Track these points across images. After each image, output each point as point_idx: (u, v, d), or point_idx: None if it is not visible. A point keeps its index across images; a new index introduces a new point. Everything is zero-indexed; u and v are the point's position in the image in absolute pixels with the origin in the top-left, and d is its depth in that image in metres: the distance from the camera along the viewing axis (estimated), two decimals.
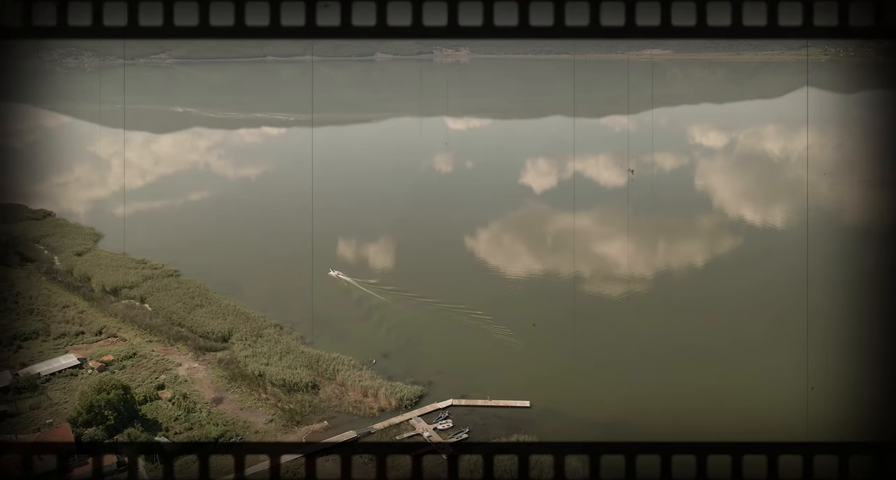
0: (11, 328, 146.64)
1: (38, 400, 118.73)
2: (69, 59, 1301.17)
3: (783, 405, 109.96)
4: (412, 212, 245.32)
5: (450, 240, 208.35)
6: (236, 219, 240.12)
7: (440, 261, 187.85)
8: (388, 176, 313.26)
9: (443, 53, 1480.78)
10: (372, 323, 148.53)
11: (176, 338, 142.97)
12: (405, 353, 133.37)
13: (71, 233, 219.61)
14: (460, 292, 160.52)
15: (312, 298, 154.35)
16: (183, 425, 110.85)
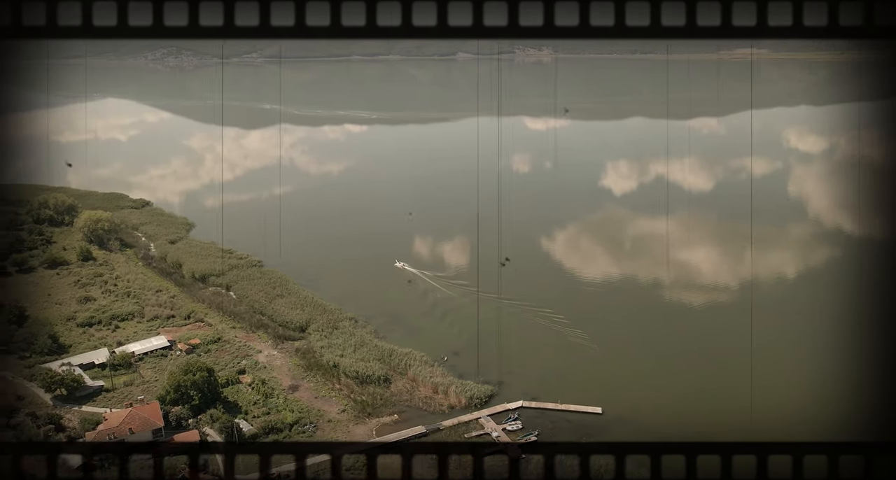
0: (111, 308, 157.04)
1: (131, 378, 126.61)
2: (170, 58, 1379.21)
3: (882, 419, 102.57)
4: (488, 211, 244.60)
5: (526, 240, 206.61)
6: (317, 213, 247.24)
7: (515, 261, 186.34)
8: (466, 175, 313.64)
9: (525, 53, 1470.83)
10: (444, 320, 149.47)
11: (257, 326, 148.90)
12: (477, 351, 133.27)
13: (166, 221, 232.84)
14: (535, 292, 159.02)
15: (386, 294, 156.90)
16: (261, 409, 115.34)
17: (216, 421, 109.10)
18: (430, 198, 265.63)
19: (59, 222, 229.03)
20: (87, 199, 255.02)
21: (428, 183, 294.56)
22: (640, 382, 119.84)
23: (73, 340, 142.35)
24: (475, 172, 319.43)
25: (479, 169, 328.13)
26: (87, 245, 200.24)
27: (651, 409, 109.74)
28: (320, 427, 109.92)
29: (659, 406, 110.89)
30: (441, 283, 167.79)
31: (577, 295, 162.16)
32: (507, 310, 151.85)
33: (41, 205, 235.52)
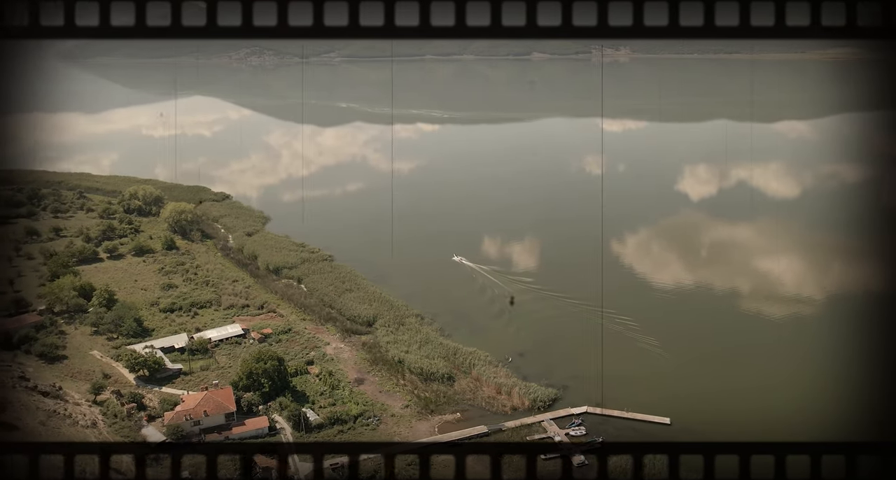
0: (191, 296, 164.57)
1: (207, 363, 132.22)
2: (252, 57, 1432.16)
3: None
4: (559, 212, 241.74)
5: (596, 243, 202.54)
6: (388, 210, 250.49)
7: (585, 264, 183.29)
8: (538, 175, 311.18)
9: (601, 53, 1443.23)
10: (510, 320, 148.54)
11: (326, 319, 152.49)
12: (542, 354, 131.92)
13: (244, 214, 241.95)
14: (604, 296, 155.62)
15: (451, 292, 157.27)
16: (327, 400, 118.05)
17: (285, 409, 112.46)
18: (499, 197, 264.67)
19: (147, 212, 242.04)
20: (173, 191, 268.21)
21: (498, 183, 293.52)
22: (711, 394, 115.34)
23: (156, 324, 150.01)
24: (547, 173, 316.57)
25: (551, 170, 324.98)
26: (172, 235, 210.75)
27: (722, 424, 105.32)
28: (384, 421, 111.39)
29: (731, 422, 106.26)
30: (501, 279, 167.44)
31: (648, 301, 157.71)
32: (574, 313, 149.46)
33: (132, 196, 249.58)
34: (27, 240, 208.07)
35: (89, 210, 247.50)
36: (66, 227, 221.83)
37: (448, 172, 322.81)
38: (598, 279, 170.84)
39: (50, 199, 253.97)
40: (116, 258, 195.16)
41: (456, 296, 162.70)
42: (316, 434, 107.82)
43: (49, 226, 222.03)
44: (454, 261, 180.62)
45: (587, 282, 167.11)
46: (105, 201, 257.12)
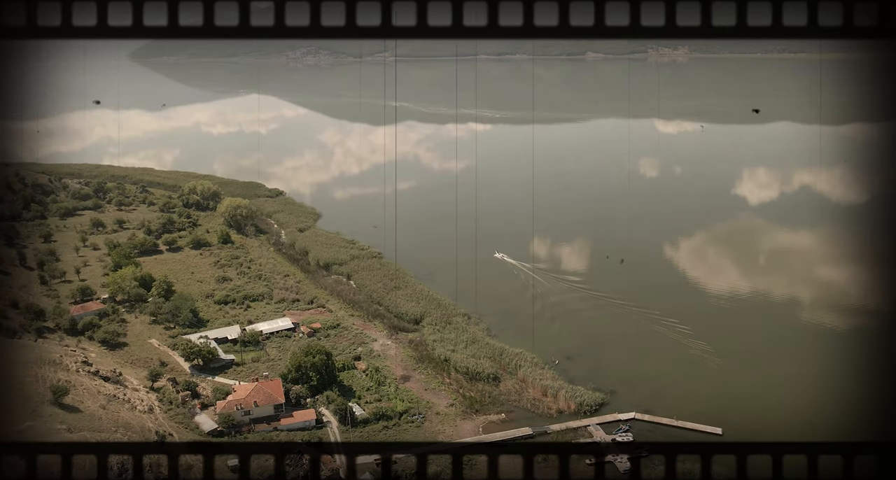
0: (244, 289, 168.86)
1: (258, 354, 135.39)
2: (308, 57, 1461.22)
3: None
4: (611, 215, 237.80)
5: (648, 247, 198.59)
6: (438, 209, 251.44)
7: (636, 268, 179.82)
8: (590, 177, 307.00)
9: (658, 53, 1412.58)
10: (558, 322, 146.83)
11: (374, 315, 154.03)
12: (590, 357, 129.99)
13: (296, 211, 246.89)
14: (655, 300, 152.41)
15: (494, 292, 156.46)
16: (373, 395, 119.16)
17: (331, 403, 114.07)
18: (551, 198, 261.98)
19: (205, 207, 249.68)
20: (229, 187, 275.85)
21: (550, 183, 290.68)
22: (767, 405, 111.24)
23: (211, 316, 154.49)
24: (599, 174, 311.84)
25: (604, 172, 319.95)
26: (227, 229, 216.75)
27: (776, 437, 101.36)
28: (428, 419, 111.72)
29: (786, 435, 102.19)
30: (544, 276, 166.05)
31: (701, 307, 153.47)
32: (624, 316, 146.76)
33: (190, 190, 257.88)
34: (93, 232, 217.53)
35: (151, 203, 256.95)
36: (129, 220, 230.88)
37: (499, 172, 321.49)
38: (649, 282, 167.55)
39: (115, 193, 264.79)
40: (175, 250, 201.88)
41: (503, 296, 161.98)
42: (361, 428, 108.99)
43: (113, 218, 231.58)
44: (496, 258, 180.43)
45: (638, 286, 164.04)
46: (166, 195, 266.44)
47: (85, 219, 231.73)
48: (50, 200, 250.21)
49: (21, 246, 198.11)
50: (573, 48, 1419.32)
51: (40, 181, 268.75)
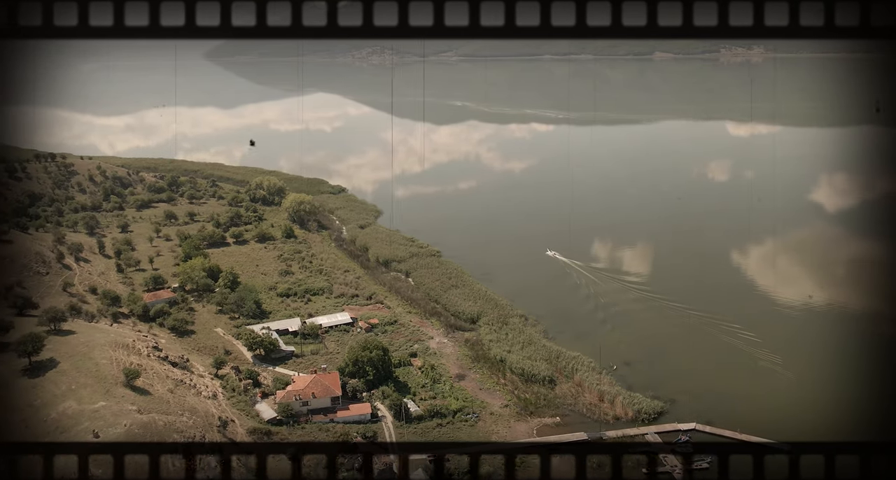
0: (305, 283, 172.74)
1: (317, 347, 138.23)
2: (374, 56, 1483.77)
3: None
4: (677, 219, 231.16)
5: (715, 253, 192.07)
6: (497, 209, 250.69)
7: (701, 274, 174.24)
8: (655, 180, 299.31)
9: (731, 53, 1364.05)
10: (618, 327, 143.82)
11: (431, 313, 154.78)
12: (650, 364, 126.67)
13: (358, 207, 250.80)
14: (721, 308, 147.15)
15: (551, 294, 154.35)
16: (428, 393, 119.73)
17: (387, 398, 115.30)
18: (613, 201, 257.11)
19: (270, 202, 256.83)
20: (294, 183, 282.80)
21: (612, 186, 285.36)
22: (839, 422, 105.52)
23: (273, 308, 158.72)
24: (665, 178, 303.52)
25: (670, 175, 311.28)
26: (291, 224, 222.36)
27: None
28: (482, 419, 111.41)
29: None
30: (600, 277, 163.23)
31: (771, 317, 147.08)
32: (687, 323, 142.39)
33: (257, 186, 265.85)
34: (166, 223, 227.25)
35: (220, 197, 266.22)
36: (199, 213, 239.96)
37: (560, 173, 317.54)
38: (714, 290, 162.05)
39: (187, 187, 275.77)
40: (241, 243, 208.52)
41: (562, 299, 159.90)
42: (415, 425, 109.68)
43: (185, 210, 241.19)
44: (547, 256, 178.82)
45: (702, 293, 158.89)
46: (234, 190, 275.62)
47: (159, 211, 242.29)
48: (128, 193, 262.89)
49: (101, 235, 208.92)
50: (640, 48, 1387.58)
51: (119, 174, 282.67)
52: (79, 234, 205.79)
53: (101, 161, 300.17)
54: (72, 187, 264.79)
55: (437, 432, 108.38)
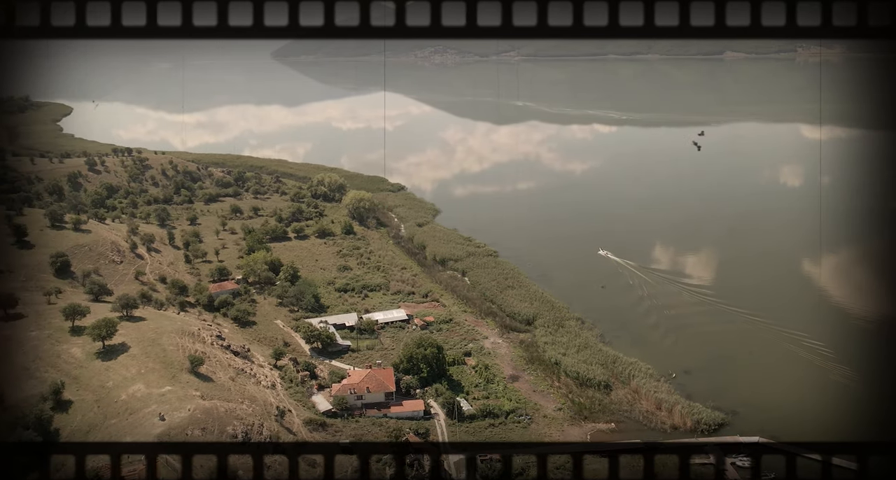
0: (363, 279, 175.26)
1: (373, 343, 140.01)
2: (436, 56, 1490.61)
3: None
4: (745, 226, 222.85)
5: (785, 260, 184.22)
6: (556, 210, 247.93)
7: (769, 282, 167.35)
8: (723, 184, 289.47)
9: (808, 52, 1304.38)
10: (677, 333, 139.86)
11: (486, 313, 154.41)
12: (711, 373, 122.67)
13: (416, 206, 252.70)
14: (788, 318, 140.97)
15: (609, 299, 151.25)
16: (481, 392, 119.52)
17: (440, 396, 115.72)
18: (677, 205, 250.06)
19: (331, 198, 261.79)
20: (354, 180, 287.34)
21: (677, 189, 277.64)
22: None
23: (331, 302, 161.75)
24: (734, 182, 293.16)
25: (739, 179, 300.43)
26: (350, 220, 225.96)
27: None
28: (535, 421, 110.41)
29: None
30: (655, 278, 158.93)
31: (842, 329, 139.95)
32: (752, 331, 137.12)
33: (319, 182, 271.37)
34: (232, 217, 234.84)
35: (283, 193, 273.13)
36: (263, 208, 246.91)
37: (622, 175, 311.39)
38: (782, 298, 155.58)
39: (252, 182, 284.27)
40: (302, 238, 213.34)
41: (620, 303, 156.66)
42: (467, 424, 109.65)
43: (250, 205, 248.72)
44: (604, 257, 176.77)
45: (770, 301, 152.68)
46: (297, 186, 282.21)
47: (225, 205, 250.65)
48: (197, 187, 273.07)
49: (171, 227, 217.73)
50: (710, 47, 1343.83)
51: (190, 169, 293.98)
52: (151, 226, 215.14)
53: (173, 156, 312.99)
54: (146, 180, 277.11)
55: (489, 432, 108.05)
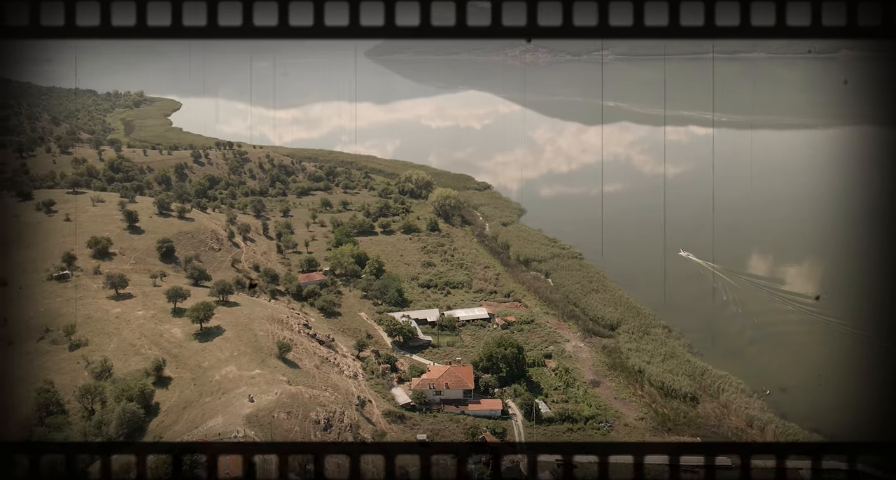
0: (446, 276, 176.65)
1: (453, 339, 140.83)
2: (527, 55, 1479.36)
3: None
4: (854, 236, 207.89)
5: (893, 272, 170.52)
6: (645, 214, 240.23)
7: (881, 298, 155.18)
8: (830, 192, 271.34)
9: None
10: (773, 346, 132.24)
11: (569, 316, 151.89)
12: (809, 391, 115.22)
13: (502, 205, 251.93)
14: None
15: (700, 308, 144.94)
16: (561, 395, 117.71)
17: (518, 396, 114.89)
18: (777, 213, 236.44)
19: (418, 195, 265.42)
20: (441, 178, 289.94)
21: (779, 196, 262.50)
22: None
23: (414, 297, 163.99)
24: (842, 190, 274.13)
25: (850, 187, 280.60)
26: (436, 217, 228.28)
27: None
28: (615, 429, 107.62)
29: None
30: (739, 281, 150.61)
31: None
32: (859, 347, 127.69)
33: (406, 179, 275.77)
34: (322, 210, 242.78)
35: (371, 189, 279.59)
36: (351, 202, 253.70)
37: (718, 180, 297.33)
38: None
39: (342, 177, 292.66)
40: (388, 233, 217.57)
41: (712, 315, 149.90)
42: (545, 426, 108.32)
43: (339, 199, 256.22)
44: (690, 261, 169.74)
45: (881, 319, 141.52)
46: (385, 182, 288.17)
47: (316, 198, 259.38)
48: (291, 180, 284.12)
49: (265, 218, 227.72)
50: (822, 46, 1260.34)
51: (285, 163, 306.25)
52: (247, 216, 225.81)
53: (269, 150, 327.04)
54: (244, 173, 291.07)
55: (566, 436, 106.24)
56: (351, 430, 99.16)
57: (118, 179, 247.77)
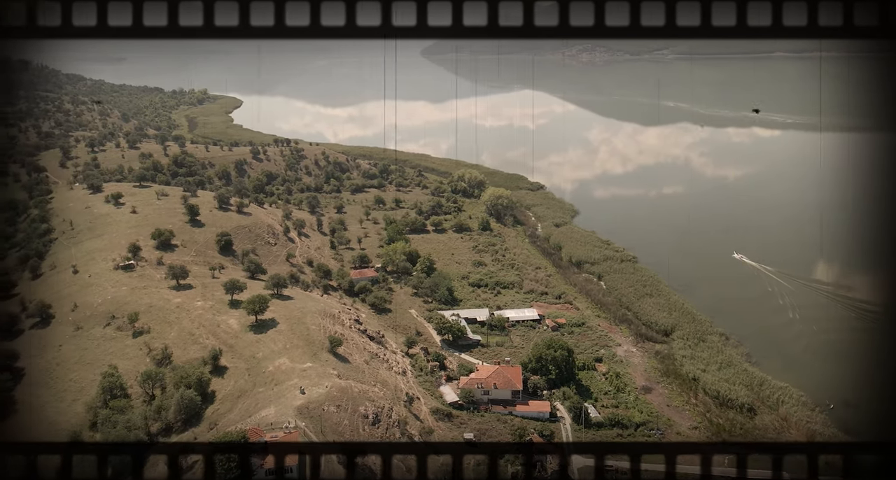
0: (496, 275, 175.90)
1: (502, 339, 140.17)
2: (584, 54, 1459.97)
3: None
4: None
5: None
6: (704, 218, 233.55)
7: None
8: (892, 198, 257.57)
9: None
10: (836, 358, 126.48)
11: (621, 320, 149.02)
12: (877, 407, 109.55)
13: (554, 206, 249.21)
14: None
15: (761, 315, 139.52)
16: (611, 400, 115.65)
17: (567, 399, 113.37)
18: (846, 220, 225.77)
19: (470, 194, 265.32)
20: (494, 177, 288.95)
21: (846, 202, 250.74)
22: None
23: (464, 296, 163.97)
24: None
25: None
26: (488, 217, 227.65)
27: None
28: (667, 437, 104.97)
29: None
30: (795, 284, 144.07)
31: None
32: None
33: (459, 178, 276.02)
34: (375, 207, 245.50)
35: (424, 187, 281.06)
36: (404, 200, 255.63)
37: (783, 184, 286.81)
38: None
39: (396, 175, 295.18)
40: (440, 232, 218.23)
41: (772, 323, 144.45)
42: (594, 431, 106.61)
43: (392, 197, 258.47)
44: (734, 259, 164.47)
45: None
46: (437, 180, 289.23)
47: (370, 195, 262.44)
48: (345, 177, 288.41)
49: (320, 214, 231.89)
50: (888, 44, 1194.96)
51: (339, 160, 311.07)
52: (302, 212, 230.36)
53: (325, 147, 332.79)
54: (300, 169, 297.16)
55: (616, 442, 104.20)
56: (398, 426, 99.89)
57: (181, 174, 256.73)
